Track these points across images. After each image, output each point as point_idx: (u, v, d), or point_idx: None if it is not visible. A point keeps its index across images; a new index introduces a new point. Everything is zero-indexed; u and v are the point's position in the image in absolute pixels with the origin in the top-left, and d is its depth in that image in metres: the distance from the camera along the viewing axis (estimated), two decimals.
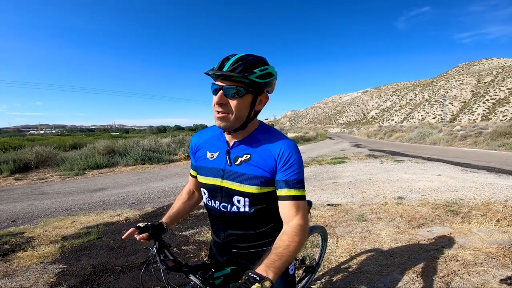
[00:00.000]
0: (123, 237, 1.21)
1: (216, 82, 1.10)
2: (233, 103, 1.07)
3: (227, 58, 1.09)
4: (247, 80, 1.05)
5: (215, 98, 1.08)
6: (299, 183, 1.10)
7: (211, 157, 1.23)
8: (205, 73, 1.12)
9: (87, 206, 5.34)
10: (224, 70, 1.05)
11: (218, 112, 1.09)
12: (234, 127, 1.12)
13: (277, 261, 0.89)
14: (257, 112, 1.18)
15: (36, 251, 3.32)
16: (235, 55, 1.09)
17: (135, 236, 1.20)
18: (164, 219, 1.32)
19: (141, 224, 1.22)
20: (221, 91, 1.07)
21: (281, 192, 1.10)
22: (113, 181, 7.98)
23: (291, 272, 1.30)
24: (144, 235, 1.18)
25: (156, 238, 1.21)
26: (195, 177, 1.37)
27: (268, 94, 1.19)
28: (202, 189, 1.27)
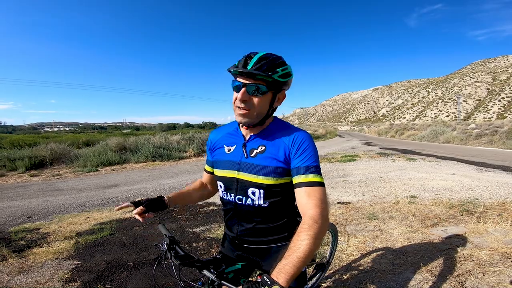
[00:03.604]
0: (115, 208, 1.20)
1: (238, 79, 1.12)
2: (255, 100, 1.11)
3: (249, 56, 1.11)
4: (270, 79, 1.08)
5: (238, 95, 1.11)
6: (311, 168, 1.09)
7: (228, 151, 1.26)
8: (228, 70, 1.14)
9: (100, 202, 5.45)
10: (248, 68, 1.07)
11: (240, 108, 1.12)
12: (254, 122, 1.16)
13: (287, 265, 0.89)
14: (275, 109, 1.22)
15: (51, 247, 3.40)
16: (257, 53, 1.11)
17: (131, 211, 1.20)
18: (168, 195, 1.34)
19: (136, 199, 1.25)
20: (244, 88, 1.10)
21: (295, 179, 1.10)
22: (125, 178, 8.11)
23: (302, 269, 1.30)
24: (138, 209, 1.18)
25: (152, 210, 1.22)
26: (210, 172, 1.41)
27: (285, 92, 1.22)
28: (218, 183, 1.30)
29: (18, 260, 3.07)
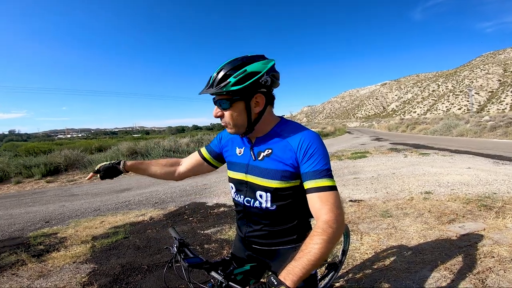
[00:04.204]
0: (85, 180, 1.44)
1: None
2: (226, 114, 1.11)
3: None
4: (224, 93, 1.06)
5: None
6: (322, 172, 1.03)
7: (239, 153, 1.26)
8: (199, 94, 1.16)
9: (114, 206, 5.53)
10: (208, 86, 1.09)
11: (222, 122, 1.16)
12: (240, 132, 1.16)
13: (297, 267, 0.88)
14: (261, 113, 1.14)
15: (69, 251, 3.48)
16: (222, 65, 1.09)
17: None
18: (127, 162, 1.48)
19: (97, 168, 1.49)
20: (216, 106, 1.14)
21: (306, 185, 1.05)
22: (137, 182, 8.22)
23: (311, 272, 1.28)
24: (91, 175, 1.54)
25: (110, 177, 1.48)
26: (204, 158, 1.43)
27: (275, 89, 1.17)
28: (230, 184, 1.31)
29: (38, 264, 3.15)
